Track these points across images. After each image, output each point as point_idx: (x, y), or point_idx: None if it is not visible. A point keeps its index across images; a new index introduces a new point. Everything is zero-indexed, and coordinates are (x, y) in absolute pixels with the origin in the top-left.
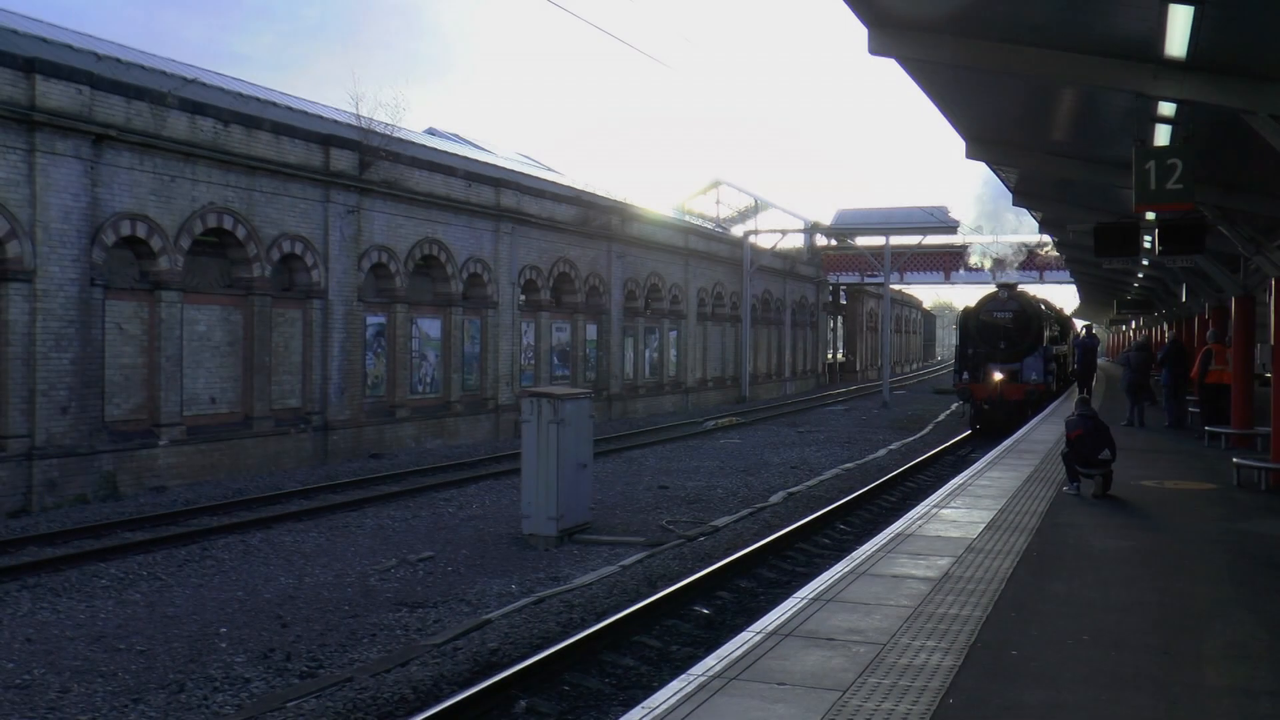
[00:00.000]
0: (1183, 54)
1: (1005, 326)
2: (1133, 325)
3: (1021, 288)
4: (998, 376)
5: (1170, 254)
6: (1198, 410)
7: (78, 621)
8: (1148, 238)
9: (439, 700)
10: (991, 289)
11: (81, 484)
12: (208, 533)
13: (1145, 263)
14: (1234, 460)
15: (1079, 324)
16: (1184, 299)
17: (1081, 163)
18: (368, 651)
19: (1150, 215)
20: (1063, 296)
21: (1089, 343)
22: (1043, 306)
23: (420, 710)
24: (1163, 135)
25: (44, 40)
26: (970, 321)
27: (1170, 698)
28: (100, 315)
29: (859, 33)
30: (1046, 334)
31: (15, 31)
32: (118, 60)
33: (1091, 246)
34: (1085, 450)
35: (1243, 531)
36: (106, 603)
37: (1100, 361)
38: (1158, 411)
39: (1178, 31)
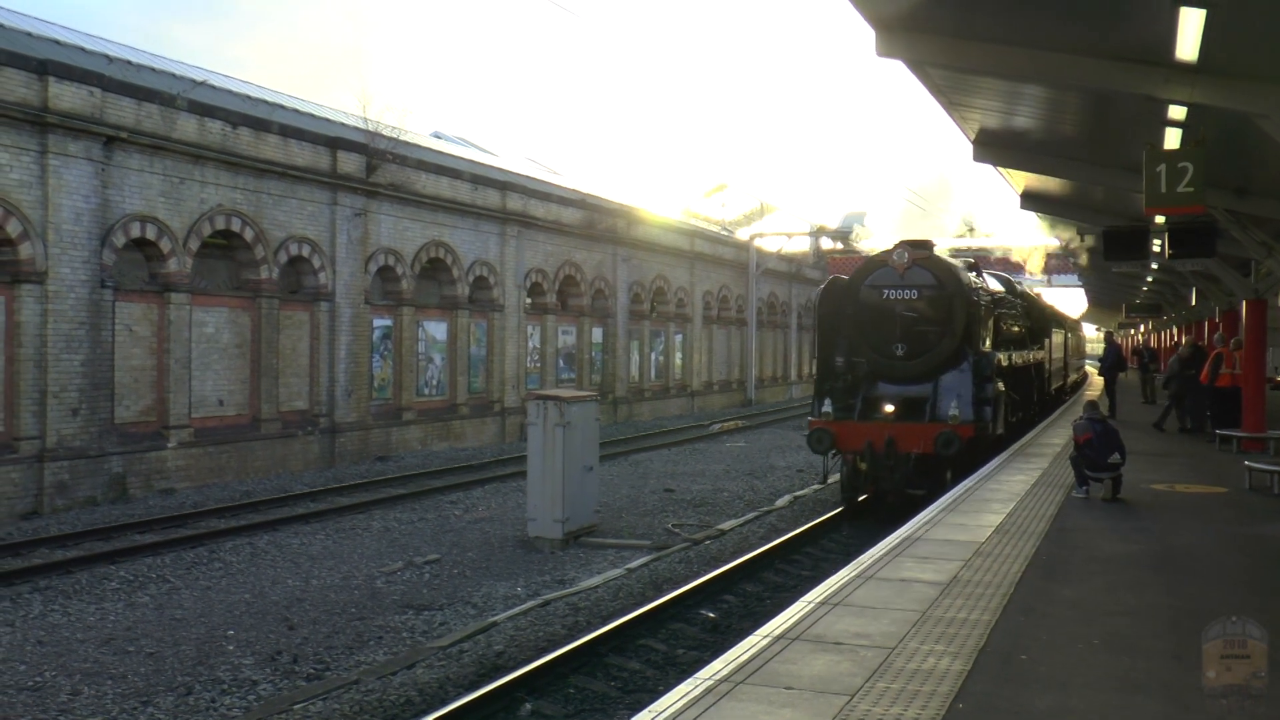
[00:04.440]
0: (1194, 57)
1: (905, 315)
2: (1142, 329)
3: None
4: (889, 409)
5: (1181, 258)
6: (1209, 414)
7: (88, 624)
8: (1157, 241)
9: (445, 703)
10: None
11: (91, 486)
12: (216, 535)
13: (1155, 266)
14: (1245, 464)
15: (1089, 327)
16: (1194, 303)
17: (1090, 166)
18: (374, 654)
19: (1160, 219)
20: (1071, 301)
21: (1113, 349)
22: (979, 280)
23: (426, 713)
24: (1173, 138)
25: (57, 43)
26: (844, 305)
27: (1183, 703)
28: (110, 317)
29: (868, 35)
30: (989, 330)
31: (29, 34)
32: (128, 63)
33: (1100, 250)
34: (1094, 454)
35: (1254, 535)
36: (116, 605)
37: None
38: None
39: (1189, 35)
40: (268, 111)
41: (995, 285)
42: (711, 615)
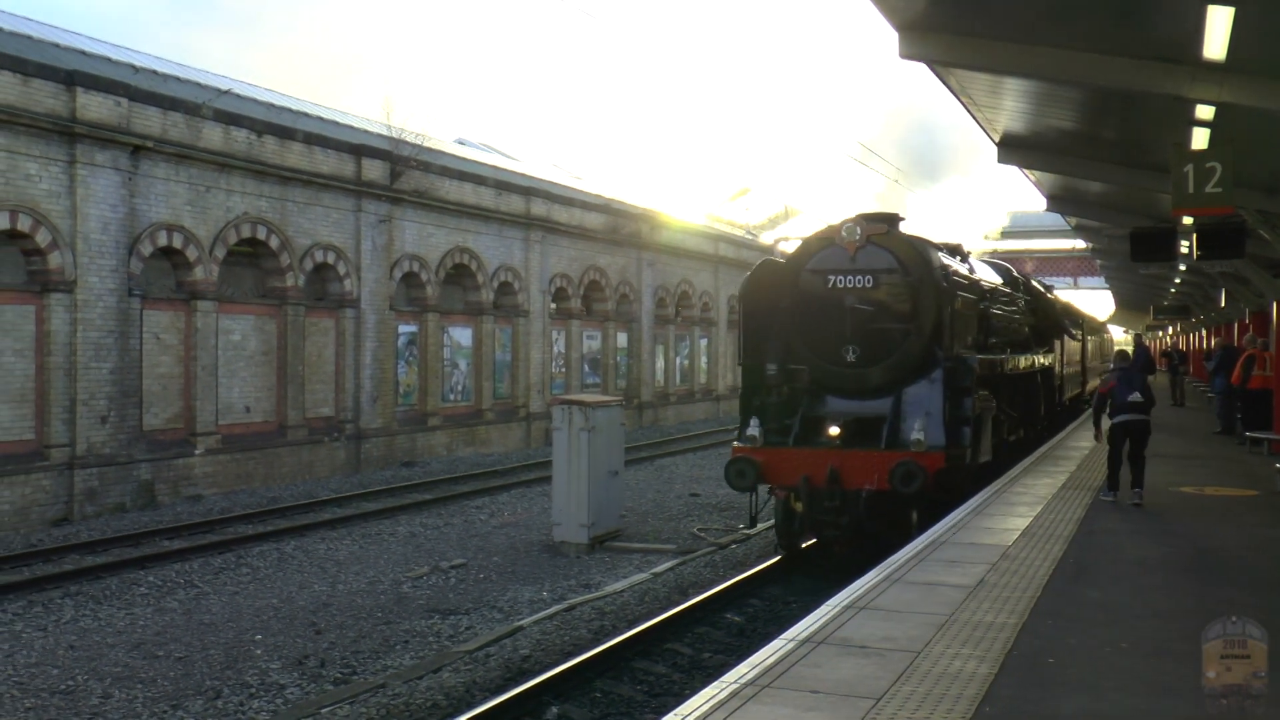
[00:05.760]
0: (1222, 56)
1: (857, 308)
2: (1170, 330)
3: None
4: (834, 431)
5: (1209, 259)
6: (1240, 416)
7: (118, 629)
8: (1185, 242)
9: (471, 706)
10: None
11: (120, 493)
12: (243, 541)
13: (1183, 268)
14: (1277, 466)
15: (1116, 331)
16: (1223, 304)
17: (1116, 167)
18: (400, 658)
19: (1188, 220)
20: (1099, 303)
21: (1142, 351)
22: (960, 265)
23: (453, 716)
24: (1201, 138)
25: (84, 53)
26: (780, 296)
27: None
28: (138, 325)
29: (891, 37)
30: (974, 328)
31: (57, 45)
32: (154, 72)
33: (1126, 251)
34: (1119, 397)
35: None
36: (145, 610)
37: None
38: (1200, 416)
39: (1217, 33)
40: (292, 119)
41: (987, 273)
42: (737, 619)
